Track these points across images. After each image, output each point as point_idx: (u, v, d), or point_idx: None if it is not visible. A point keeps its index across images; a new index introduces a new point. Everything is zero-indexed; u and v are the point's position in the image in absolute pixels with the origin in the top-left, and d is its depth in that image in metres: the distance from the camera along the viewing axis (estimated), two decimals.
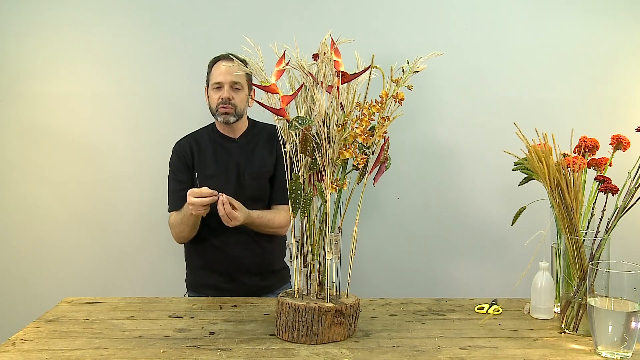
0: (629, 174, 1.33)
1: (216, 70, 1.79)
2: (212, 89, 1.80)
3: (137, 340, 1.27)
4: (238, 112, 1.79)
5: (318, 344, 1.25)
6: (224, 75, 1.76)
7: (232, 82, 1.76)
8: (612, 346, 1.17)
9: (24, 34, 2.16)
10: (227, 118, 1.78)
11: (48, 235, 2.21)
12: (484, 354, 1.20)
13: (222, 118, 1.79)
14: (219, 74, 1.77)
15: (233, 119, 1.79)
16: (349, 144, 1.26)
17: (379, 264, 2.25)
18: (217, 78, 1.78)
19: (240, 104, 1.79)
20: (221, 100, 1.77)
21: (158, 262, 2.21)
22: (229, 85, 1.76)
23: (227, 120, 1.79)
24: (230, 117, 1.78)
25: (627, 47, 2.19)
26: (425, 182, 2.24)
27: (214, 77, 1.79)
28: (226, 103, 1.76)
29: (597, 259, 1.31)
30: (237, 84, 1.77)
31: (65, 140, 2.19)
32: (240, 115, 1.81)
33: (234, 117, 1.79)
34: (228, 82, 1.76)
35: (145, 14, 2.17)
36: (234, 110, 1.78)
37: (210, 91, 1.81)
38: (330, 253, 1.31)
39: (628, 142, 1.40)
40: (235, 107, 1.78)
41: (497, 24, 2.20)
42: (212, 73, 1.80)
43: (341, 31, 1.40)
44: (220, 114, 1.78)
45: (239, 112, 1.80)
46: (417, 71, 1.31)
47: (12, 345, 1.23)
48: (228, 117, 1.78)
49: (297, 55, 1.28)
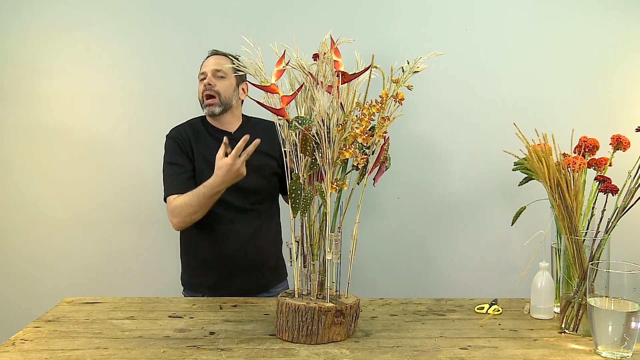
0: (629, 174, 1.33)
1: (203, 64, 1.83)
2: (199, 82, 1.82)
3: (137, 340, 1.27)
4: (222, 101, 1.78)
5: (318, 344, 1.25)
6: (207, 65, 1.80)
7: (214, 70, 1.77)
8: (612, 346, 1.17)
9: (24, 35, 2.16)
10: (211, 110, 1.78)
11: (48, 235, 2.21)
12: (484, 354, 1.20)
13: (207, 110, 1.79)
14: (203, 66, 1.82)
15: (217, 109, 1.77)
16: (349, 144, 1.26)
17: (379, 264, 2.25)
18: (201, 69, 1.82)
19: (224, 92, 1.78)
20: (204, 87, 1.78)
21: (158, 262, 2.21)
22: (211, 74, 1.77)
23: (211, 112, 1.78)
24: (215, 108, 1.77)
25: (627, 47, 2.20)
26: (426, 182, 2.24)
27: (200, 70, 1.83)
28: (209, 90, 1.76)
29: (597, 259, 1.31)
30: (220, 71, 1.77)
31: (65, 140, 2.19)
32: (225, 104, 1.79)
33: (218, 107, 1.77)
34: (210, 70, 1.77)
35: (145, 14, 2.17)
36: (218, 99, 1.77)
37: (199, 84, 1.83)
38: (330, 253, 1.31)
39: (628, 142, 1.40)
40: (218, 94, 1.77)
41: (497, 24, 2.20)
42: (201, 69, 1.84)
43: (341, 31, 1.40)
44: (205, 105, 1.79)
45: (224, 101, 1.78)
46: (417, 71, 1.31)
47: (12, 345, 1.23)
48: (212, 109, 1.77)
49: (297, 55, 1.28)
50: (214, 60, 1.79)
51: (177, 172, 1.76)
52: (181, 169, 1.76)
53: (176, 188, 1.73)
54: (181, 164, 1.77)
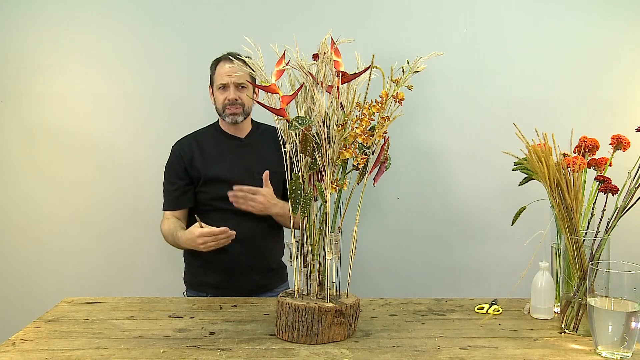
0: (629, 174, 1.33)
1: (220, 70, 1.80)
2: (217, 90, 1.82)
3: (137, 340, 1.27)
4: (246, 111, 1.83)
5: (318, 344, 1.25)
6: (228, 75, 1.78)
7: (238, 83, 1.79)
8: (612, 346, 1.17)
9: (25, 34, 2.16)
10: (235, 118, 1.81)
11: (48, 235, 2.21)
12: (484, 354, 1.20)
13: (230, 118, 1.81)
14: (224, 74, 1.79)
15: (241, 118, 1.82)
16: (349, 144, 1.26)
17: (379, 264, 2.25)
18: (222, 79, 1.79)
19: (247, 103, 1.82)
20: (228, 101, 1.79)
21: (158, 262, 2.21)
22: (235, 86, 1.78)
23: (235, 120, 1.82)
24: (239, 117, 1.82)
25: (627, 47, 2.19)
26: (425, 182, 2.24)
27: (218, 78, 1.81)
28: (234, 104, 1.79)
29: (597, 259, 1.31)
30: (243, 83, 1.79)
31: (65, 140, 2.19)
32: (247, 113, 1.85)
33: (242, 116, 1.83)
34: (233, 82, 1.78)
35: (146, 14, 2.17)
36: (242, 109, 1.81)
37: (216, 92, 1.83)
38: (330, 253, 1.31)
39: (628, 142, 1.39)
40: (243, 106, 1.81)
41: (497, 24, 2.20)
42: (217, 74, 1.82)
43: (341, 31, 1.40)
44: (228, 114, 1.81)
45: (247, 111, 1.84)
46: (417, 71, 1.31)
47: (12, 345, 1.23)
48: (236, 117, 1.81)
49: (297, 55, 1.28)
50: (235, 69, 1.75)
51: (170, 188, 1.86)
52: (173, 186, 1.84)
53: (168, 205, 1.86)
54: (174, 181, 1.84)
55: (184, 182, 1.83)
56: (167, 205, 1.86)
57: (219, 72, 1.80)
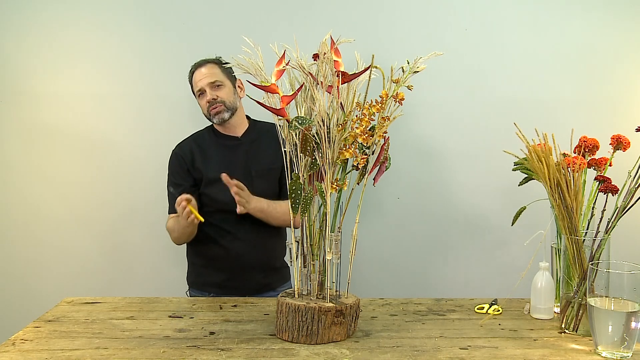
0: (629, 174, 1.33)
1: (194, 78, 1.83)
2: (199, 98, 1.84)
3: (137, 340, 1.27)
4: (229, 107, 1.82)
5: (318, 344, 1.25)
6: (201, 80, 1.80)
7: (211, 83, 1.79)
8: (612, 346, 1.17)
9: (25, 34, 2.16)
10: (220, 117, 1.82)
11: (48, 235, 2.21)
12: (484, 354, 1.20)
13: (217, 119, 1.82)
14: (198, 81, 1.82)
15: (227, 114, 1.82)
16: (349, 144, 1.26)
17: (379, 264, 2.25)
18: (197, 86, 1.82)
19: (227, 98, 1.82)
20: (208, 103, 1.80)
21: (158, 262, 2.21)
22: (209, 87, 1.80)
23: (222, 119, 1.82)
24: (224, 114, 1.81)
25: (627, 47, 2.19)
26: (426, 182, 2.24)
27: (195, 86, 1.84)
28: (213, 103, 1.80)
29: (597, 259, 1.31)
30: (216, 81, 1.80)
31: (65, 140, 2.19)
32: (232, 108, 1.83)
33: (227, 112, 1.82)
34: (207, 84, 1.79)
35: (146, 14, 2.17)
36: (223, 106, 1.81)
37: (198, 100, 1.86)
38: (330, 253, 1.31)
39: (628, 142, 1.39)
40: (223, 102, 1.81)
41: (497, 24, 2.20)
42: (193, 83, 1.85)
43: (341, 31, 1.40)
44: (213, 115, 1.82)
45: (230, 106, 1.82)
46: (417, 71, 1.31)
47: (12, 345, 1.23)
48: (222, 115, 1.81)
49: (297, 55, 1.28)
50: (205, 72, 1.80)
51: (174, 191, 1.83)
52: (178, 189, 1.82)
53: (172, 208, 1.80)
54: (179, 184, 1.83)
55: (189, 184, 1.83)
56: (172, 208, 1.82)
57: (194, 81, 1.84)
